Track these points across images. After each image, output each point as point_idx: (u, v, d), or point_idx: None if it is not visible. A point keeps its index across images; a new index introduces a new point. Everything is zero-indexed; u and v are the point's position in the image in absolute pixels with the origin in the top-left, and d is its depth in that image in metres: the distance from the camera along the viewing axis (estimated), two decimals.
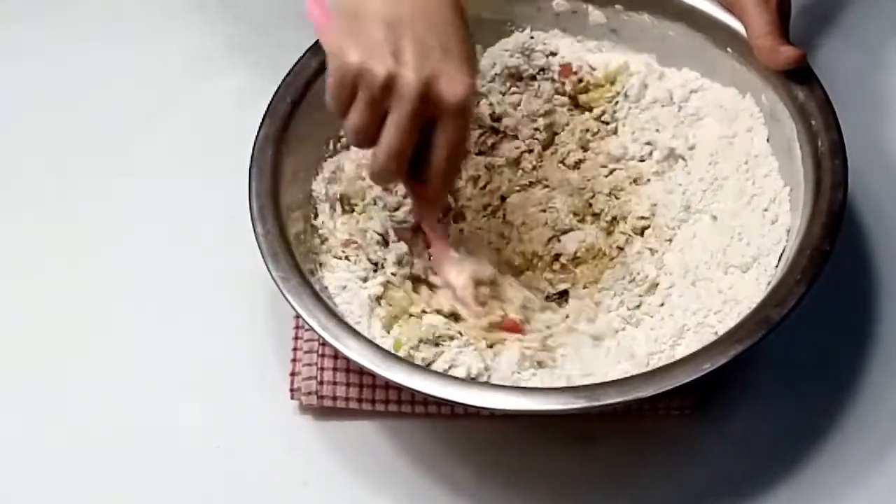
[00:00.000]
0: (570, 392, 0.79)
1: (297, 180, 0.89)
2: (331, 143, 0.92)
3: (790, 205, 0.87)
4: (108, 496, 0.86)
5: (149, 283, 0.94)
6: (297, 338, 0.89)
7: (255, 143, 0.88)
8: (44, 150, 1.00)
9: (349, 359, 0.80)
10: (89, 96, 1.03)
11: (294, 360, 0.88)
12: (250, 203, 0.85)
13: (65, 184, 0.99)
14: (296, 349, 0.89)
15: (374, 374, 0.80)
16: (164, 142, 1.00)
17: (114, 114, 1.01)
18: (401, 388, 0.80)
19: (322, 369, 0.87)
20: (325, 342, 0.81)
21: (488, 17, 0.95)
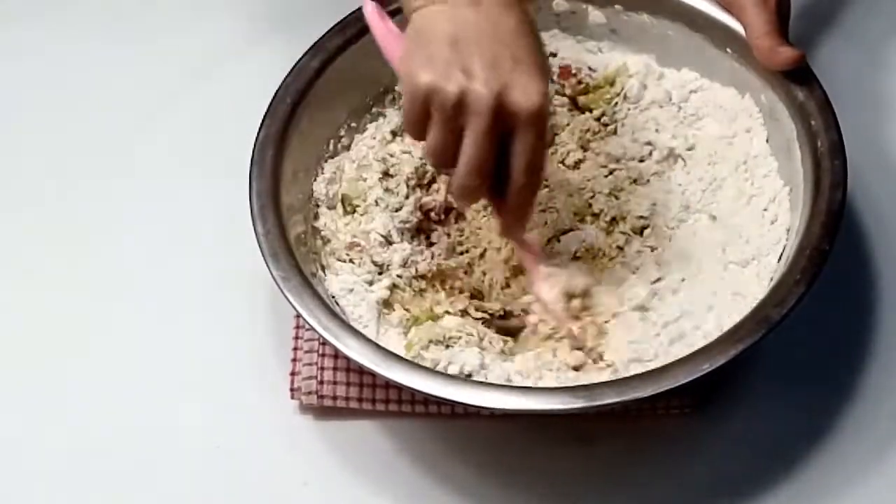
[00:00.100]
0: (569, 392, 0.79)
1: (297, 181, 0.89)
2: (331, 144, 0.92)
3: (790, 204, 0.87)
4: (108, 496, 0.86)
5: (149, 283, 0.94)
6: (297, 337, 0.89)
7: (255, 144, 0.88)
8: (44, 150, 1.01)
9: (349, 358, 0.80)
10: (89, 96, 1.03)
11: (294, 360, 0.88)
12: (251, 203, 0.85)
13: (65, 184, 0.99)
14: (296, 349, 0.89)
15: (373, 374, 0.80)
16: (164, 142, 1.00)
17: (114, 114, 1.01)
18: (401, 387, 0.80)
19: (322, 369, 0.87)
20: (325, 342, 0.81)
21: None
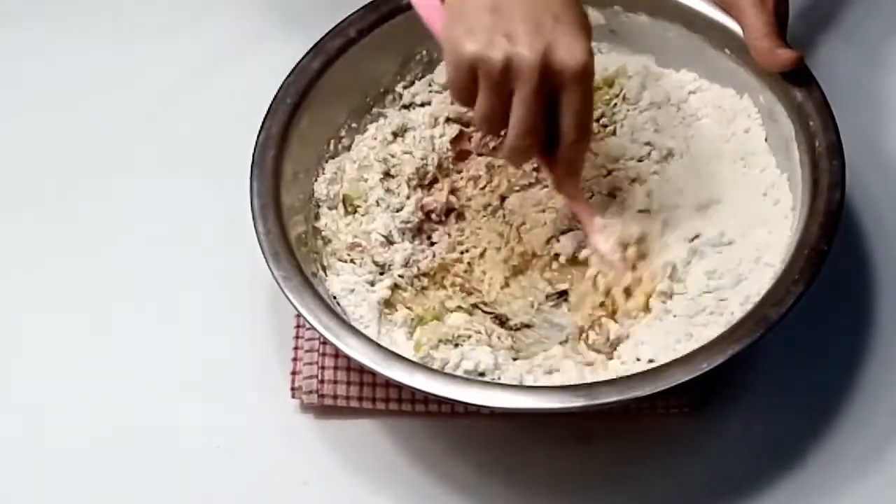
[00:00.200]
0: (568, 391, 0.79)
1: (298, 181, 0.89)
2: (331, 144, 0.93)
3: (790, 189, 0.87)
4: (108, 496, 0.86)
5: (149, 283, 0.94)
6: (297, 337, 0.89)
7: (255, 144, 0.88)
8: (44, 150, 1.01)
9: (350, 357, 0.80)
10: (89, 96, 1.03)
11: (295, 360, 0.88)
12: (252, 202, 0.85)
13: (65, 184, 0.99)
14: (296, 348, 0.89)
15: (374, 373, 0.80)
16: (164, 142, 1.00)
17: (114, 114, 1.01)
18: (401, 386, 0.80)
19: (323, 368, 0.87)
20: (326, 341, 0.82)
21: None
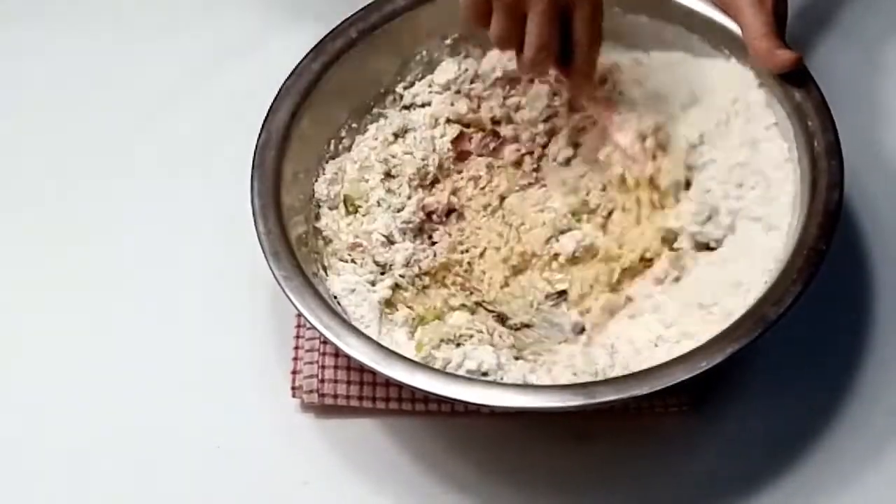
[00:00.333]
0: (567, 389, 0.80)
1: (298, 181, 0.89)
2: (332, 144, 0.93)
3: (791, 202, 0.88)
4: (108, 496, 0.86)
5: (149, 283, 0.94)
6: (298, 336, 0.89)
7: (256, 144, 0.88)
8: (44, 150, 1.01)
9: (350, 357, 0.80)
10: (89, 96, 1.03)
11: (295, 359, 0.88)
12: (252, 202, 0.85)
13: (65, 184, 0.99)
14: (297, 348, 0.89)
15: (374, 372, 0.80)
16: (164, 142, 1.00)
17: (114, 114, 1.02)
18: (401, 385, 0.80)
19: (323, 367, 0.87)
20: (326, 340, 0.82)
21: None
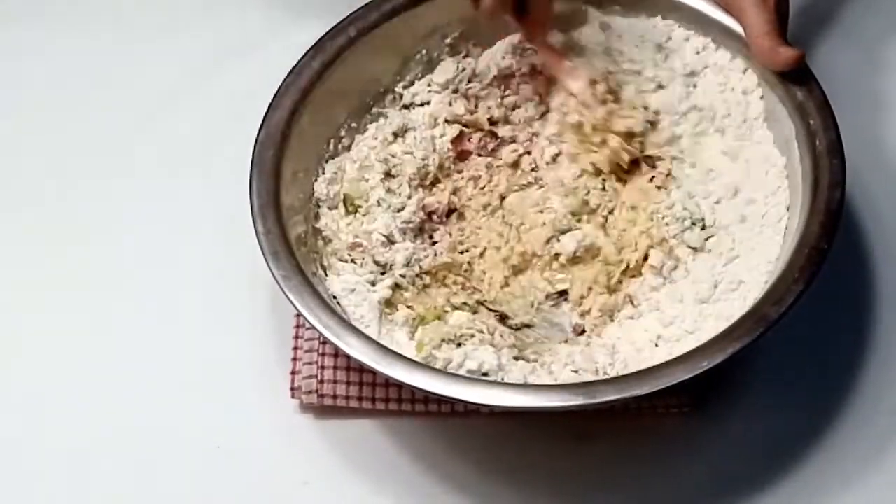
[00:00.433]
0: (568, 389, 0.79)
1: (298, 181, 0.89)
2: (331, 144, 0.92)
3: (789, 201, 0.87)
4: (108, 496, 0.86)
5: (149, 283, 0.94)
6: (297, 337, 0.89)
7: (255, 143, 0.88)
8: (44, 150, 1.01)
9: (350, 357, 0.80)
10: (89, 96, 1.03)
11: (294, 359, 0.88)
12: (251, 202, 0.85)
13: (65, 184, 0.99)
14: (296, 348, 0.89)
15: (374, 372, 0.80)
16: (164, 142, 1.00)
17: (114, 114, 1.02)
18: (401, 385, 0.80)
19: (322, 368, 0.87)
20: (325, 341, 0.82)
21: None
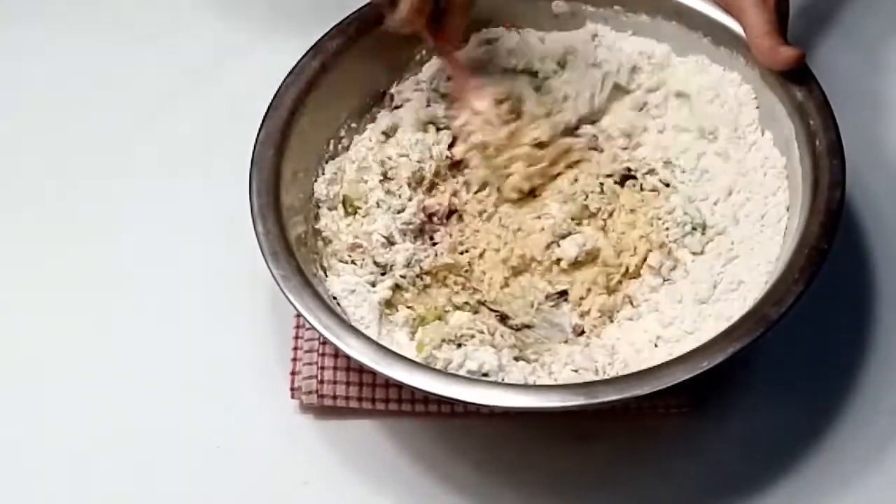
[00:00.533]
0: (568, 389, 0.79)
1: (297, 181, 0.89)
2: (331, 144, 0.92)
3: (789, 201, 0.87)
4: (108, 496, 0.86)
5: (149, 283, 0.94)
6: (297, 337, 0.89)
7: (255, 143, 0.88)
8: (44, 150, 1.01)
9: (349, 357, 0.80)
10: (89, 96, 1.03)
11: (294, 360, 0.88)
12: (251, 202, 0.85)
13: (65, 184, 0.99)
14: (296, 348, 0.89)
15: (374, 372, 0.80)
16: (164, 142, 1.00)
17: (114, 114, 1.02)
18: (401, 385, 0.80)
19: (322, 368, 0.87)
20: (325, 341, 0.81)
21: (483, 18, 0.95)
